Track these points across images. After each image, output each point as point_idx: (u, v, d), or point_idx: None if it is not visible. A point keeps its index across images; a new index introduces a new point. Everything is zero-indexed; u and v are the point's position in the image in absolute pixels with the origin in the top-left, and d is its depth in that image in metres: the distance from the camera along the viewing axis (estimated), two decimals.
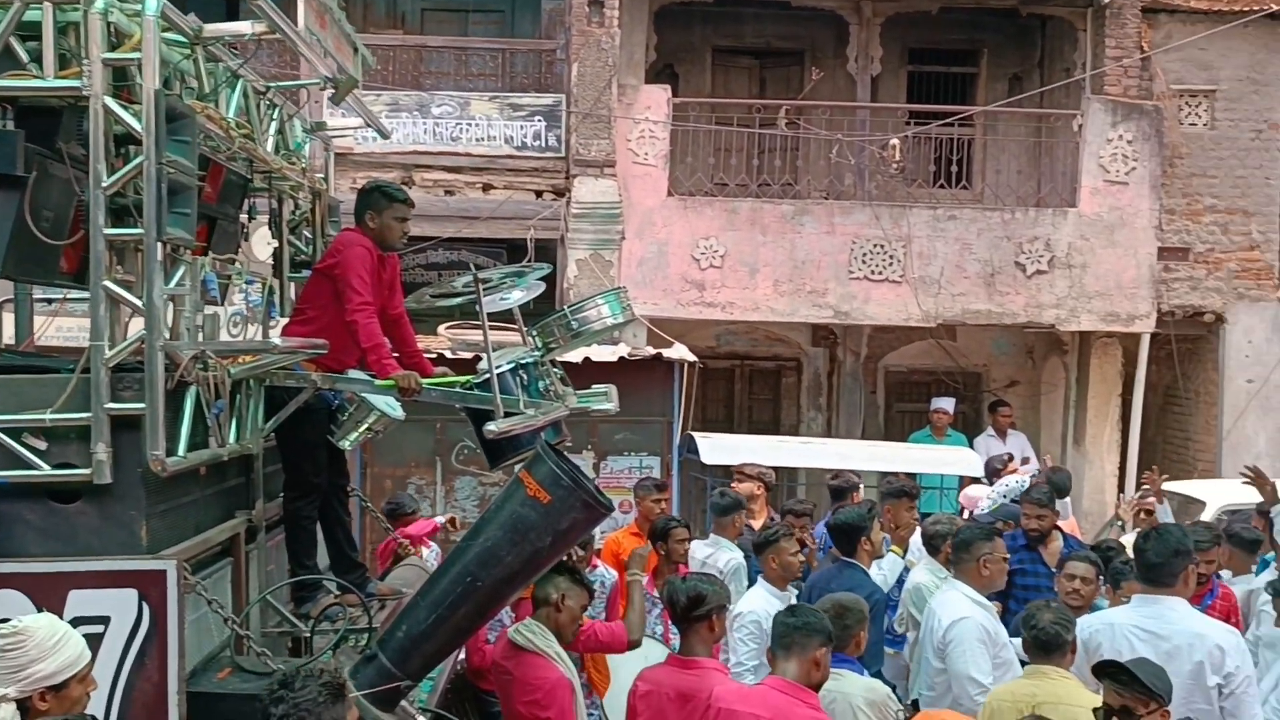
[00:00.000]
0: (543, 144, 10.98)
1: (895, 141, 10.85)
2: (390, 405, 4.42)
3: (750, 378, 13.08)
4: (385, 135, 6.60)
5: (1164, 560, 4.42)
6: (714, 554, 6.37)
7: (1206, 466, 11.39)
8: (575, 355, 7.82)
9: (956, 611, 4.72)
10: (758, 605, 5.17)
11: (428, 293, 4.38)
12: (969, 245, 10.89)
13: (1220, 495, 8.59)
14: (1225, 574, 6.07)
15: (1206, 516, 8.06)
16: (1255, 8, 11.00)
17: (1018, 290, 10.91)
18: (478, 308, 4.14)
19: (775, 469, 10.43)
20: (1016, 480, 8.15)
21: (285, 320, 4.74)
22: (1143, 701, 3.51)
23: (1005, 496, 7.90)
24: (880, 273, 10.86)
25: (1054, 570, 5.81)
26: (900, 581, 5.94)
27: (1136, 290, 10.91)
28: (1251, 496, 8.54)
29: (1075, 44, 11.63)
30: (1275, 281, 11.30)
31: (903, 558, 6.20)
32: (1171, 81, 11.19)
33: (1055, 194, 11.32)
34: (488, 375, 4.07)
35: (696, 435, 9.17)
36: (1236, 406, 11.12)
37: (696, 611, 4.05)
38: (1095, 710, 3.62)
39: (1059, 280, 10.90)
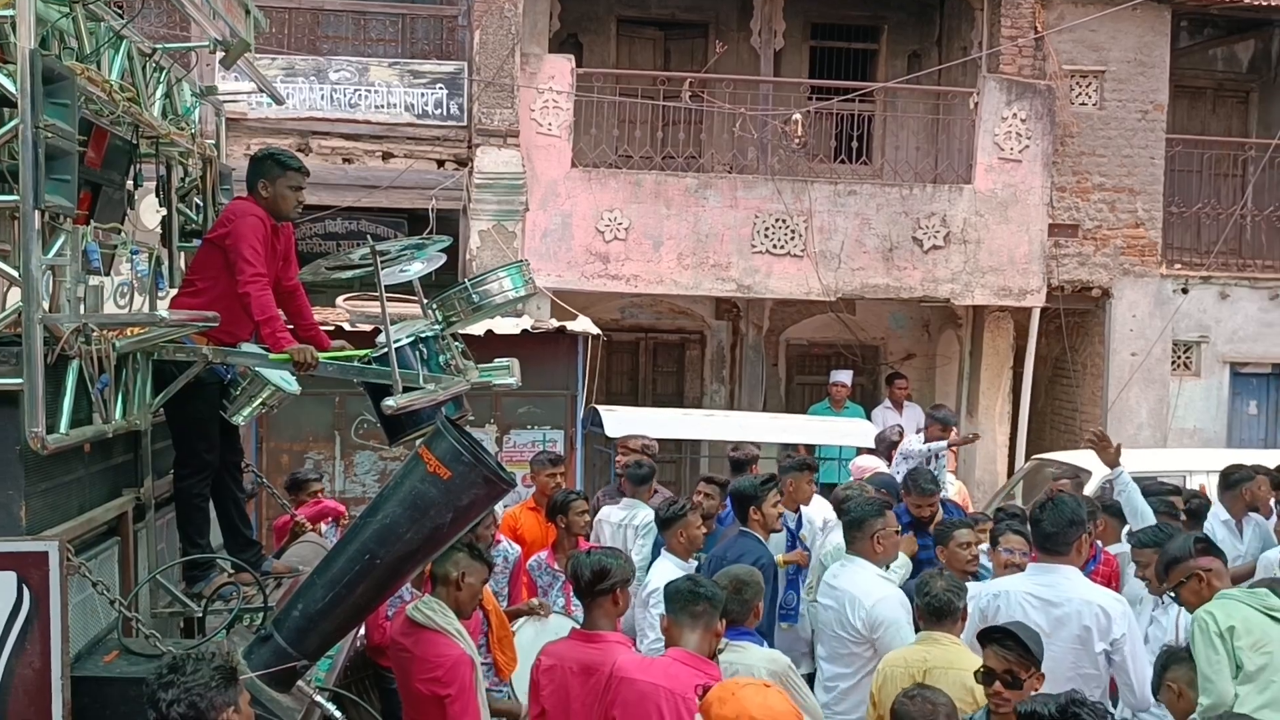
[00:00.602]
0: (444, 112, 10.80)
1: (797, 116, 10.94)
2: (285, 380, 4.31)
3: (654, 350, 13.12)
4: (279, 101, 6.40)
5: (1059, 530, 4.57)
6: (631, 514, 6.54)
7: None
8: (477, 328, 7.75)
9: (875, 591, 4.75)
10: (667, 580, 5.20)
11: (323, 265, 4.26)
12: (868, 220, 11.05)
13: (1104, 466, 8.89)
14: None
15: (1091, 485, 8.35)
16: None
17: (915, 265, 11.12)
18: (376, 281, 4.04)
19: (679, 441, 10.55)
20: (939, 444, 8.36)
21: (174, 292, 4.58)
22: (1024, 665, 3.64)
23: (924, 457, 8.12)
24: (782, 247, 10.96)
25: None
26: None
27: (1028, 266, 11.22)
28: (1137, 465, 8.90)
29: (972, 23, 11.85)
30: (1158, 258, 11.71)
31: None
32: (1064, 62, 11.48)
33: (952, 170, 11.54)
34: (386, 349, 3.99)
35: (601, 408, 9.16)
36: (1121, 378, 11.52)
37: (601, 585, 4.04)
38: (976, 672, 3.73)
39: (954, 255, 11.14)
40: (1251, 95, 13.30)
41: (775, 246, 10.97)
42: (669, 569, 5.30)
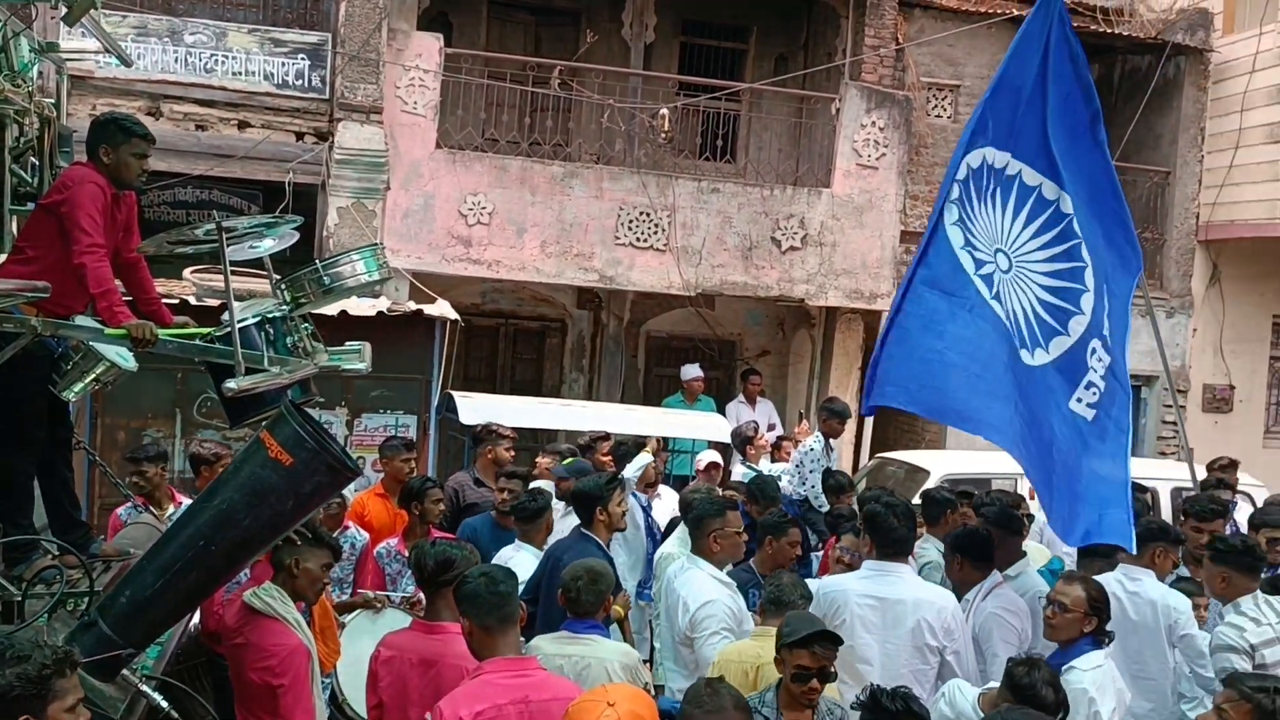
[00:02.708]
0: (305, 84, 10.51)
1: (665, 111, 11.02)
2: (121, 355, 4.13)
3: (514, 337, 13.05)
4: (126, 63, 6.13)
5: (907, 532, 4.77)
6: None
7: (933, 438, 12.24)
8: (330, 308, 7.55)
9: (703, 595, 4.78)
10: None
11: (166, 239, 4.09)
12: (730, 219, 11.22)
13: (943, 464, 9.28)
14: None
15: (930, 484, 8.67)
16: (998, 11, 11.81)
17: (772, 265, 11.35)
18: (221, 259, 3.90)
19: (535, 430, 10.52)
20: (808, 445, 8.51)
21: (2, 258, 4.35)
22: (832, 660, 3.78)
23: (798, 463, 8.27)
24: (645, 240, 11.04)
25: None
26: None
27: (880, 270, 11.57)
28: (971, 466, 9.32)
29: (838, 30, 12.14)
30: None
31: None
32: (922, 74, 11.87)
33: (811, 174, 11.81)
34: (230, 329, 3.86)
35: (456, 394, 9.07)
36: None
37: (444, 576, 3.99)
38: (787, 666, 3.78)
39: (810, 257, 11.41)
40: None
41: (639, 239, 11.04)
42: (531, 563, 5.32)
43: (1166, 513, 8.57)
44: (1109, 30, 12.27)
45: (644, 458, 7.37)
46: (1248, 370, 12.94)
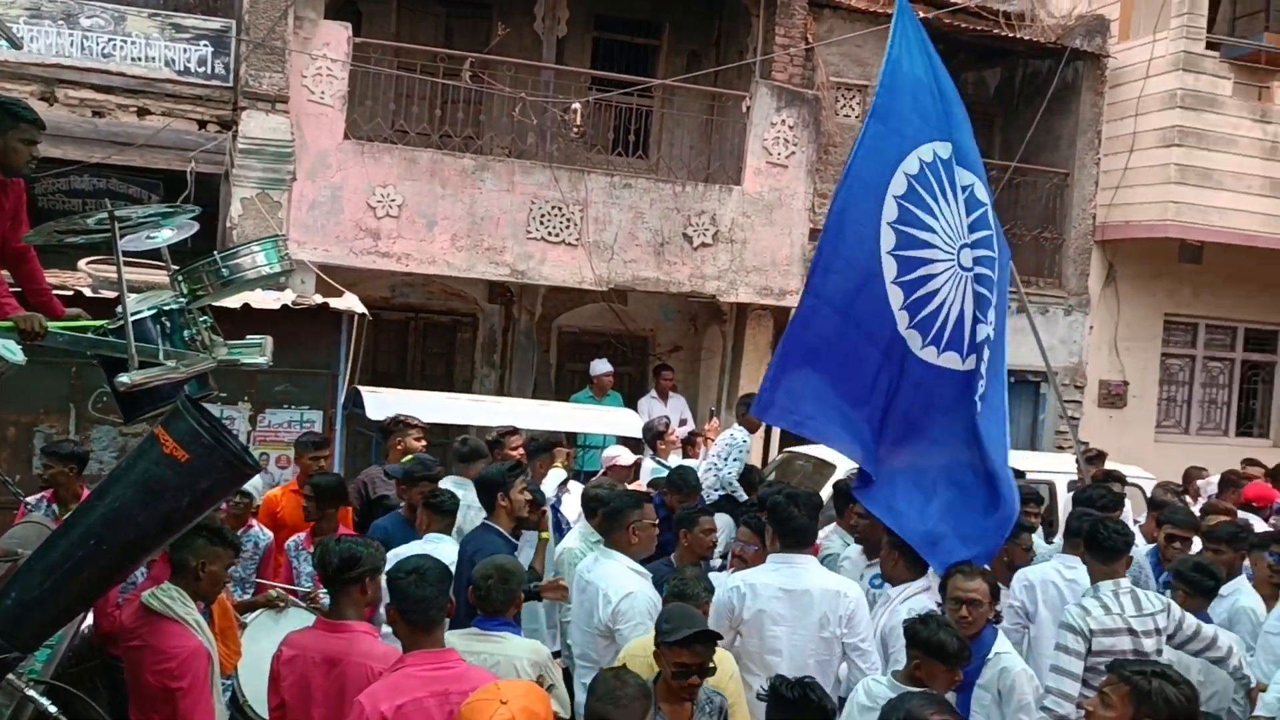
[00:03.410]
0: (208, 71, 10.24)
1: (577, 106, 11.00)
2: (8, 349, 3.97)
3: (425, 331, 12.91)
4: (16, 45, 5.92)
5: (810, 523, 4.83)
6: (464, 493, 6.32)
7: None
8: (233, 301, 7.39)
9: (624, 586, 4.79)
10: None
11: (55, 228, 3.95)
12: (642, 214, 11.25)
13: (847, 459, 9.40)
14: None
15: (837, 478, 8.80)
16: None
17: (684, 261, 11.41)
18: (114, 250, 3.78)
19: (445, 425, 10.43)
20: (730, 436, 8.52)
21: None
22: (711, 655, 3.83)
23: (725, 456, 8.27)
24: (557, 234, 11.01)
25: None
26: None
27: (789, 267, 11.70)
28: None
29: (749, 28, 12.24)
30: None
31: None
32: (831, 74, 12.03)
33: (723, 171, 11.89)
34: (124, 321, 3.75)
35: (363, 389, 8.94)
36: None
37: (349, 573, 3.92)
38: (667, 663, 3.82)
39: (721, 254, 11.50)
40: (996, 120, 14.34)
41: (550, 234, 11.00)
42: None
43: (1063, 506, 8.81)
44: (1010, 35, 12.58)
45: (558, 474, 7.40)
46: (1141, 367, 13.39)
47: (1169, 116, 12.36)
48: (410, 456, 6.98)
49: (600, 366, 11.30)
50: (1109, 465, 8.90)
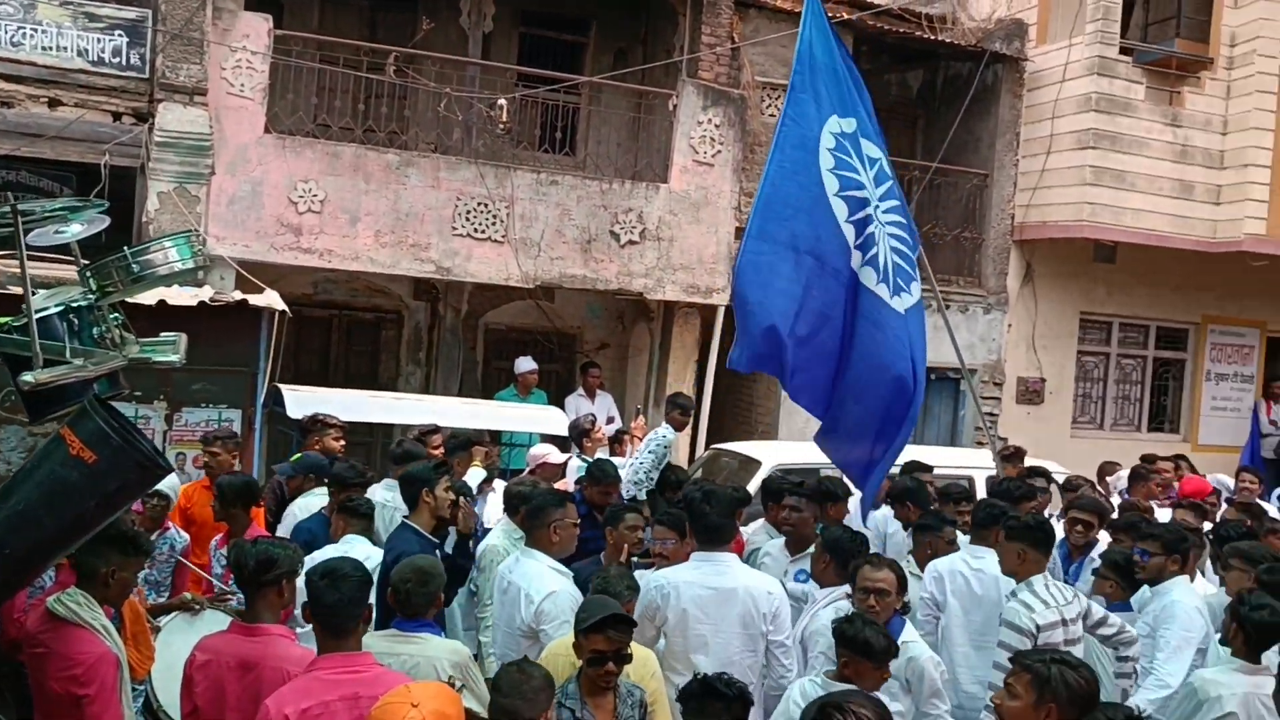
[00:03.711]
0: (123, 62, 9.99)
1: (503, 102, 10.92)
2: None
3: (349, 329, 12.74)
4: None
5: (724, 521, 4.84)
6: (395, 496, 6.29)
7: (766, 429, 12.55)
8: (148, 298, 7.24)
9: (546, 586, 4.76)
10: None
11: None
12: (569, 211, 11.22)
13: (774, 455, 9.51)
14: None
15: (761, 475, 8.88)
16: (831, 14, 12.12)
17: (612, 258, 11.40)
18: (17, 244, 3.67)
19: (370, 425, 10.31)
20: (655, 434, 8.52)
21: None
22: (627, 642, 3.89)
23: (652, 451, 8.26)
24: (483, 231, 10.93)
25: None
26: None
27: (715, 265, 11.76)
28: (802, 456, 9.58)
29: (676, 27, 12.27)
30: None
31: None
32: (756, 73, 12.11)
33: (650, 169, 11.91)
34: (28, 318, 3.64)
35: (283, 387, 8.79)
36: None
37: (266, 576, 3.85)
38: (584, 652, 3.86)
39: (649, 251, 11.51)
40: (919, 121, 14.57)
41: (476, 230, 10.92)
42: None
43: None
44: (932, 38, 12.78)
45: (478, 473, 7.38)
46: (1057, 364, 13.71)
47: (1084, 119, 12.66)
48: (298, 456, 6.91)
49: (524, 364, 11.25)
50: (1032, 461, 9.09)
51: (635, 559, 5.59)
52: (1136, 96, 12.77)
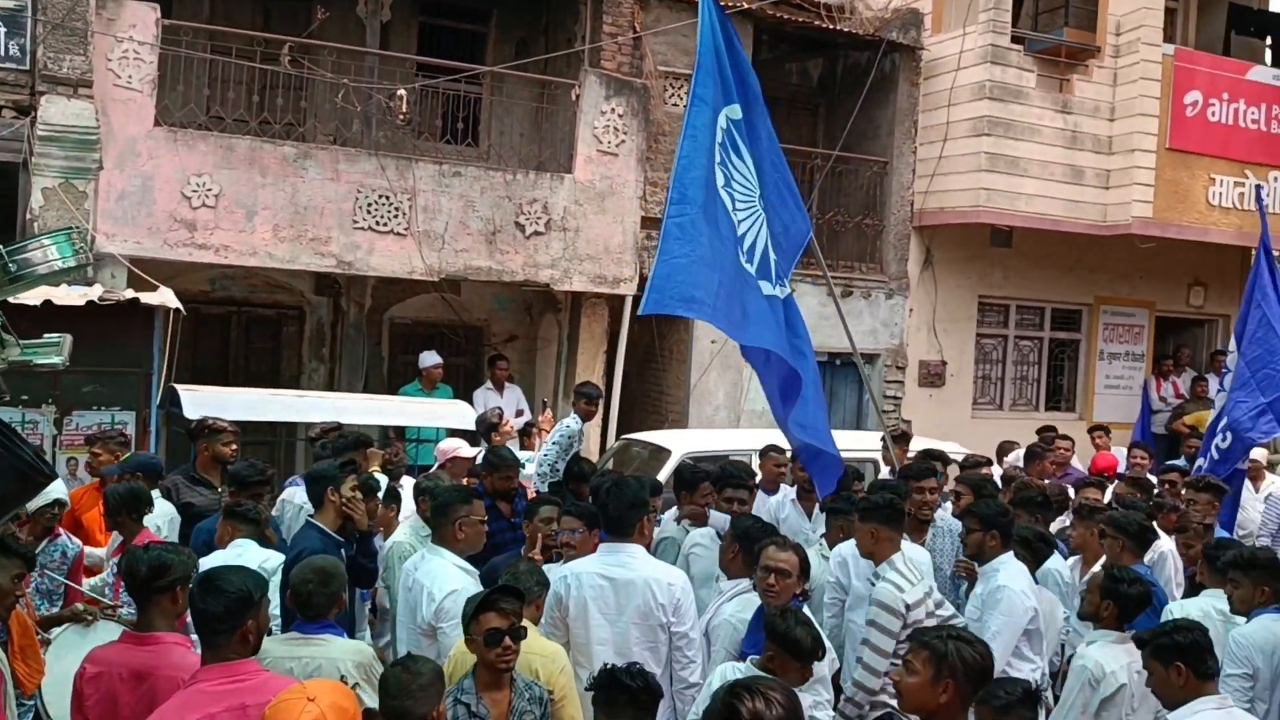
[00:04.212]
0: (2, 53, 9.59)
1: (402, 92, 10.75)
2: None
3: (248, 326, 12.45)
4: None
5: (622, 512, 4.83)
6: None
7: (676, 417, 12.61)
8: (33, 297, 6.99)
9: (448, 584, 4.71)
10: None
11: None
12: (473, 203, 11.11)
13: (684, 443, 9.55)
14: None
15: (671, 463, 8.93)
16: (731, 3, 12.20)
17: (517, 250, 11.33)
18: None
19: (273, 424, 10.09)
20: (577, 427, 8.47)
21: None
22: (520, 615, 3.91)
23: (556, 442, 8.21)
24: (385, 224, 10.77)
25: (516, 520, 6.14)
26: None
27: (622, 255, 11.77)
28: (710, 444, 9.65)
29: (577, 16, 12.22)
30: None
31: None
32: (658, 63, 12.12)
33: (554, 159, 11.85)
34: None
35: (180, 387, 8.55)
36: (702, 364, 12.40)
37: (159, 582, 3.75)
38: (486, 634, 3.85)
39: (555, 242, 11.47)
40: (820, 109, 14.75)
41: (378, 223, 10.75)
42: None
43: None
44: (830, 27, 12.94)
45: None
46: (958, 347, 14.02)
47: (979, 107, 12.94)
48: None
49: (429, 358, 11.13)
50: (926, 444, 9.28)
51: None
52: (1028, 84, 13.10)
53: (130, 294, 8.53)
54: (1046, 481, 8.20)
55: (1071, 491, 7.78)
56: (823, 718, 4.44)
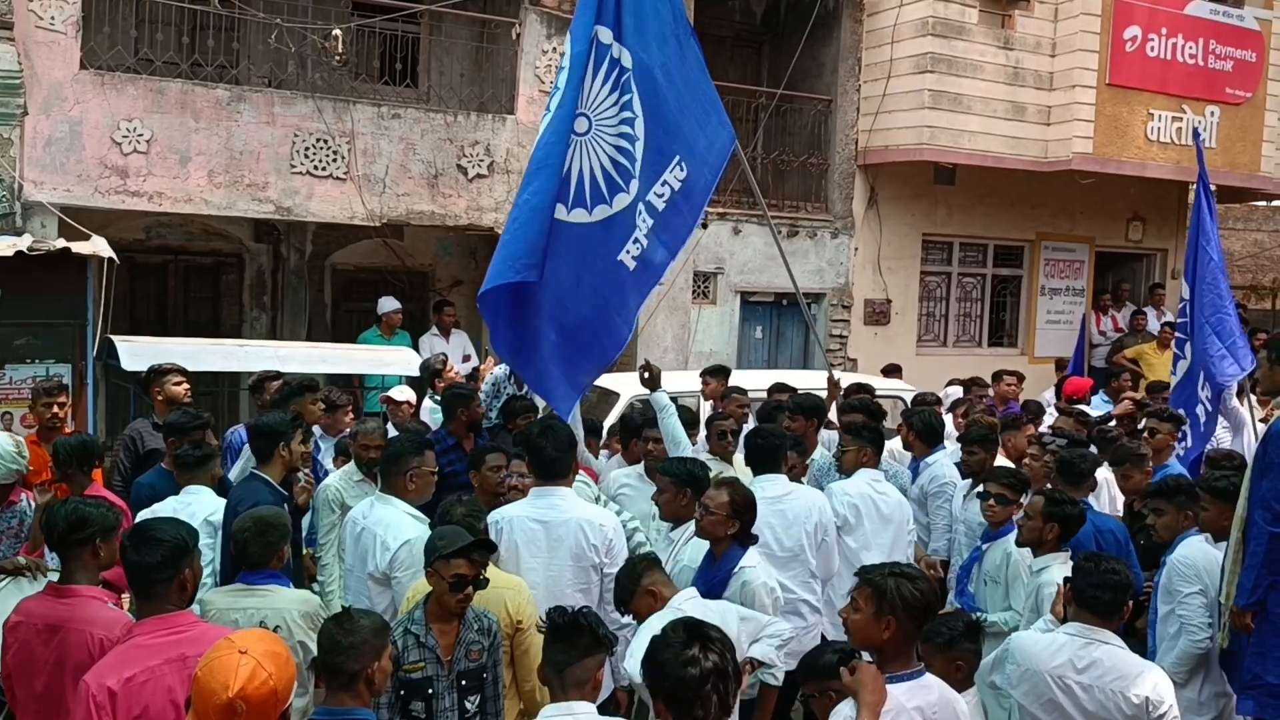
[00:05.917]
0: None
1: (337, 32, 10.49)
2: None
3: (186, 275, 12.23)
4: None
5: (560, 454, 4.84)
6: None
7: (625, 360, 12.57)
8: None
9: (402, 533, 4.68)
10: None
11: None
12: (413, 145, 10.92)
13: (633, 387, 9.55)
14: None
15: (620, 406, 8.94)
16: None
17: (460, 193, 11.18)
18: None
19: (215, 374, 9.94)
20: (493, 374, 8.44)
21: None
22: (485, 565, 3.96)
23: (486, 392, 8.16)
24: (324, 168, 10.56)
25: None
26: None
27: None
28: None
29: None
30: None
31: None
32: None
33: (496, 100, 11.67)
34: None
35: (116, 339, 8.39)
36: (649, 305, 12.35)
37: (78, 535, 3.70)
38: (442, 578, 3.89)
39: (498, 185, 11.33)
40: (764, 47, 14.64)
41: (316, 168, 10.54)
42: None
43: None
44: None
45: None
46: (902, 285, 14.13)
47: (921, 44, 12.92)
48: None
49: (387, 304, 11.02)
50: (864, 378, 9.45)
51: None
52: (970, 20, 13.08)
53: (61, 244, 8.31)
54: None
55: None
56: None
